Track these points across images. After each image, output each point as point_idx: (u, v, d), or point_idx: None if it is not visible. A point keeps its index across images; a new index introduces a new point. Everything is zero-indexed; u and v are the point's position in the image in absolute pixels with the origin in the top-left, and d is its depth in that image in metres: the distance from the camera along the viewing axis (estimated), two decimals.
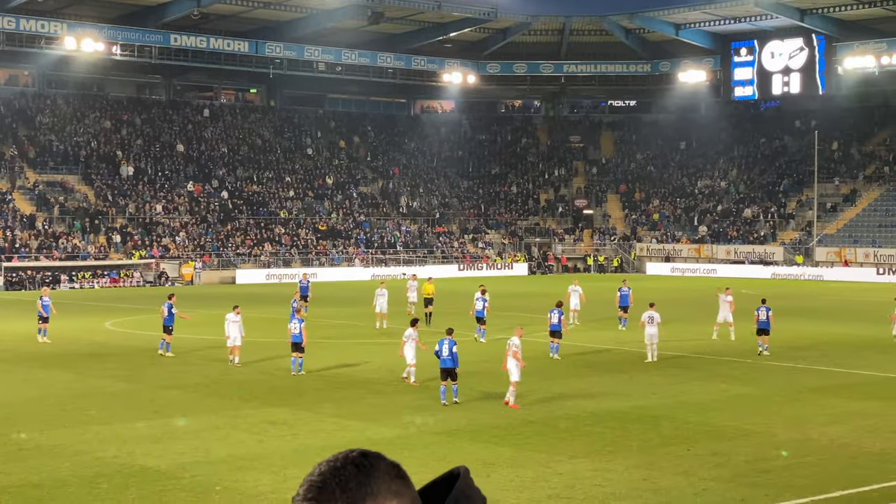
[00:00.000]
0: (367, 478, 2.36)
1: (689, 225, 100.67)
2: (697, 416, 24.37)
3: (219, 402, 26.44)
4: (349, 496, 2.33)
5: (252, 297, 61.59)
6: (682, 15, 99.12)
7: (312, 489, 2.35)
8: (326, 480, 2.35)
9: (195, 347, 37.12)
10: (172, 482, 18.27)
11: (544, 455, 20.36)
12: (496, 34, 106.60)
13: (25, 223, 79.89)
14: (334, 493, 2.33)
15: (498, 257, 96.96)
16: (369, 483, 2.35)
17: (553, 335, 34.26)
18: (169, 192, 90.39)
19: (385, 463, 2.40)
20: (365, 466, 2.37)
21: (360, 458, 2.39)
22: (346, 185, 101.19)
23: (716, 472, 19.08)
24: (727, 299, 39.64)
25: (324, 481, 2.35)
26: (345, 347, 37.85)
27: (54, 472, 19.03)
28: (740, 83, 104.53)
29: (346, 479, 2.35)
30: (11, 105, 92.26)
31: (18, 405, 26.01)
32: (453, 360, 25.60)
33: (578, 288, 45.84)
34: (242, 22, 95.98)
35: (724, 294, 40.08)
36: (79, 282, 74.93)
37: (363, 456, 2.39)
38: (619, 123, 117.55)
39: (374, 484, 2.36)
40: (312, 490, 2.35)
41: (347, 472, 2.36)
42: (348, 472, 2.36)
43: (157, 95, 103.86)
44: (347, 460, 2.38)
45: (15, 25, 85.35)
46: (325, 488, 2.34)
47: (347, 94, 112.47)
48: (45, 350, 37.01)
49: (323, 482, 2.35)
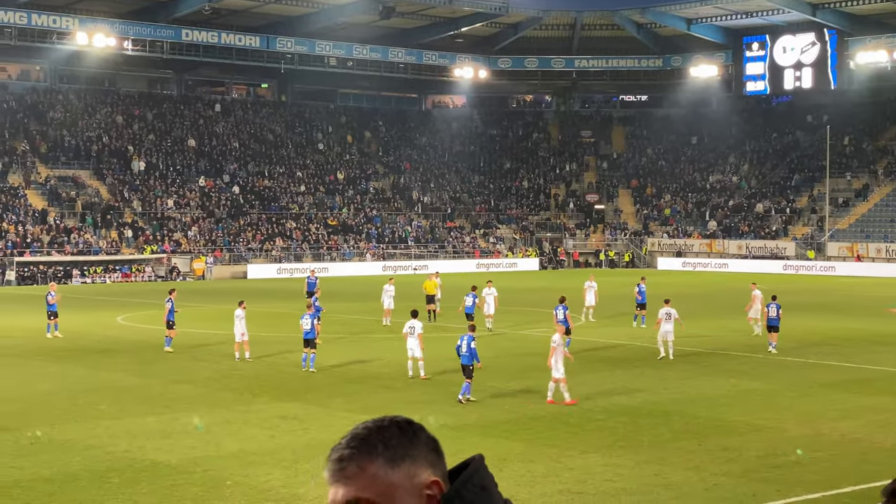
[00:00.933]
0: (409, 442, 2.47)
1: (700, 220, 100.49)
2: (708, 412, 24.32)
3: (230, 396, 26.48)
4: (391, 453, 2.43)
5: (263, 292, 61.70)
6: (694, 10, 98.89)
7: (356, 439, 2.46)
8: (371, 435, 2.46)
9: (206, 342, 37.17)
10: (183, 477, 18.30)
11: (555, 450, 20.34)
12: (507, 29, 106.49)
13: (37, 218, 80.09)
14: (377, 447, 2.44)
15: (509, 252, 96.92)
16: (411, 447, 2.46)
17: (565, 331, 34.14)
18: (180, 186, 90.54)
19: (426, 434, 2.51)
20: (408, 432, 2.48)
21: (406, 423, 2.50)
22: (357, 180, 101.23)
23: (727, 468, 19.04)
24: (756, 294, 39.46)
25: (368, 434, 2.46)
26: (355, 342, 37.88)
27: (65, 466, 19.07)
28: (752, 78, 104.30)
29: (389, 437, 2.46)
30: (23, 100, 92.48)
31: (30, 399, 26.08)
32: (470, 357, 25.42)
33: (594, 284, 45.64)
34: (254, 17, 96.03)
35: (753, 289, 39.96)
36: (90, 276, 75.12)
37: (408, 423, 2.50)
38: (631, 118, 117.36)
39: (415, 449, 2.46)
40: (356, 440, 2.46)
41: (392, 431, 2.47)
42: (392, 431, 2.47)
43: (169, 90, 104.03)
44: (393, 422, 2.49)
45: (27, 20, 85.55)
46: (368, 441, 2.45)
47: (358, 89, 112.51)
48: (57, 344, 37.11)
49: (367, 435, 2.46)
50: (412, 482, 2.43)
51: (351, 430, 2.48)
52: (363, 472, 2.42)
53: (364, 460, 2.42)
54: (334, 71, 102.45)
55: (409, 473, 2.43)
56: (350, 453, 2.44)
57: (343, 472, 2.43)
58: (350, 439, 2.46)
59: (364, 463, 2.42)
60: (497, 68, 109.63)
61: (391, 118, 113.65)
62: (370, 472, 2.41)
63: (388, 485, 2.41)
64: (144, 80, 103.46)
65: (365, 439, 2.45)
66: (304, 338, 30.50)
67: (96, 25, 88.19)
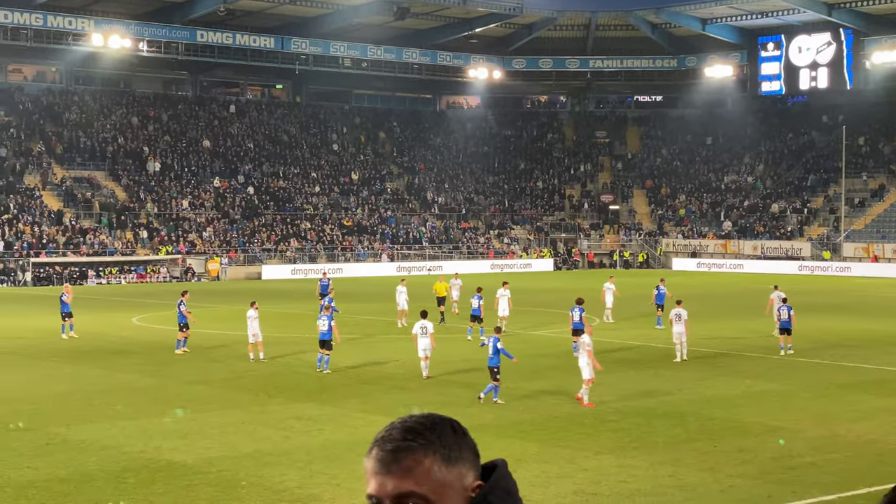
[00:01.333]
0: (460, 442, 2.47)
1: (715, 220, 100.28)
2: (723, 413, 24.27)
3: (245, 397, 26.52)
4: (447, 452, 2.42)
5: (277, 293, 61.79)
6: (709, 10, 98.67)
7: (412, 432, 2.42)
8: (427, 430, 2.44)
9: (220, 343, 37.24)
10: (199, 477, 18.34)
11: (570, 451, 20.33)
12: (522, 30, 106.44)
13: (53, 219, 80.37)
14: (434, 443, 2.42)
15: (524, 253, 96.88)
16: (462, 448, 2.47)
17: (576, 333, 33.59)
18: (195, 187, 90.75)
19: (470, 438, 2.52)
20: (459, 432, 2.48)
21: (456, 423, 2.50)
22: (371, 181, 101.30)
23: (742, 469, 18.99)
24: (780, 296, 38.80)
25: (424, 429, 2.43)
26: (369, 343, 37.90)
27: (81, 466, 19.13)
28: (767, 78, 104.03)
29: (444, 436, 2.45)
30: (39, 101, 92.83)
31: (46, 400, 26.17)
32: (497, 359, 25.35)
33: (612, 285, 45.42)
34: (268, 18, 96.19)
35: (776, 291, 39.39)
36: (106, 277, 75.34)
37: (457, 423, 2.51)
38: (646, 119, 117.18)
39: (465, 451, 2.47)
40: (413, 433, 2.42)
41: (446, 430, 2.46)
42: (446, 430, 2.46)
43: (184, 91, 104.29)
44: (445, 421, 2.48)
45: (42, 22, 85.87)
46: (425, 436, 2.42)
47: (373, 89, 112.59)
48: (73, 345, 37.22)
49: (424, 430, 2.43)
50: (462, 483, 2.43)
51: (399, 423, 2.43)
52: (420, 465, 2.39)
53: (422, 454, 2.39)
54: (349, 72, 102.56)
55: (460, 474, 2.43)
56: (408, 445, 2.40)
57: (399, 463, 2.39)
58: (406, 431, 2.42)
59: (421, 457, 2.39)
60: (511, 69, 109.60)
61: (405, 119, 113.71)
62: (426, 466, 2.39)
63: (442, 483, 2.39)
64: (159, 81, 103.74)
65: (422, 434, 2.42)
66: (321, 339, 30.49)
67: (112, 27, 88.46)
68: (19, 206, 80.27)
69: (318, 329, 30.75)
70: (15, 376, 30.22)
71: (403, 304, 43.11)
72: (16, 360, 33.56)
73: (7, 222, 77.87)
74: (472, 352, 34.87)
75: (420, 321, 29.40)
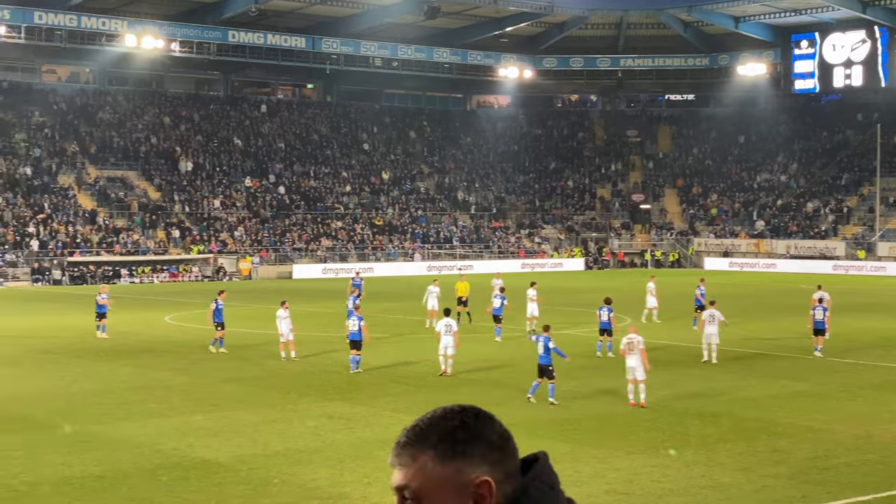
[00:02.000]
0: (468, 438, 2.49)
1: (747, 220, 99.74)
2: (757, 413, 24.12)
3: (276, 395, 26.60)
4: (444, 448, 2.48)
5: (308, 292, 61.95)
6: (742, 7, 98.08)
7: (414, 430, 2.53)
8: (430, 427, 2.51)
9: (253, 342, 37.37)
10: (231, 475, 18.41)
11: (602, 450, 20.27)
12: (552, 28, 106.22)
13: (87, 218, 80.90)
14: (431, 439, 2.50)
15: (555, 252, 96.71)
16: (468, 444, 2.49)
17: (603, 333, 33.61)
18: (227, 187, 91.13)
19: (493, 431, 2.53)
20: (471, 428, 2.50)
21: (473, 417, 2.52)
22: (402, 180, 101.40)
23: (776, 469, 18.87)
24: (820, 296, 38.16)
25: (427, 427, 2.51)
26: (400, 342, 37.94)
27: (116, 463, 19.24)
28: (801, 76, 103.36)
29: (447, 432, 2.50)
30: (73, 102, 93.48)
31: (81, 398, 26.34)
32: (548, 357, 25.16)
33: (653, 285, 44.80)
34: (300, 18, 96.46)
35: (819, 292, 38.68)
36: (139, 276, 75.76)
37: (476, 416, 2.52)
38: (677, 117, 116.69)
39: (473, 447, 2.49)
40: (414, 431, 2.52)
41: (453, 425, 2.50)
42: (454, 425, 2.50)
43: (216, 91, 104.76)
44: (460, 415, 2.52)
45: (76, 23, 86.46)
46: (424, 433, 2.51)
47: (403, 89, 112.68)
48: (106, 344, 37.44)
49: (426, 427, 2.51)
50: (460, 479, 2.47)
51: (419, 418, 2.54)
52: (414, 461, 2.49)
53: (416, 451, 2.49)
54: (379, 71, 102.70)
55: (458, 470, 2.47)
56: (405, 441, 2.52)
57: (398, 458, 2.53)
58: (411, 429, 2.54)
59: (416, 453, 2.49)
60: (542, 68, 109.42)
61: (436, 118, 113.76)
62: (420, 462, 2.49)
63: (434, 478, 2.47)
64: (192, 81, 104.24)
65: (422, 431, 2.51)
66: (351, 339, 30.39)
67: (144, 27, 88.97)
68: (54, 206, 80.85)
69: (348, 329, 30.70)
70: (50, 374, 30.44)
71: (434, 305, 42.77)
72: (51, 359, 33.81)
73: (42, 222, 78.44)
74: (498, 351, 34.87)
75: (444, 319, 29.44)
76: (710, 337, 32.31)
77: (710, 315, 32.51)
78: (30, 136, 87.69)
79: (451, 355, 29.07)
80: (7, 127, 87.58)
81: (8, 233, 76.15)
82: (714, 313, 32.42)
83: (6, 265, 73.28)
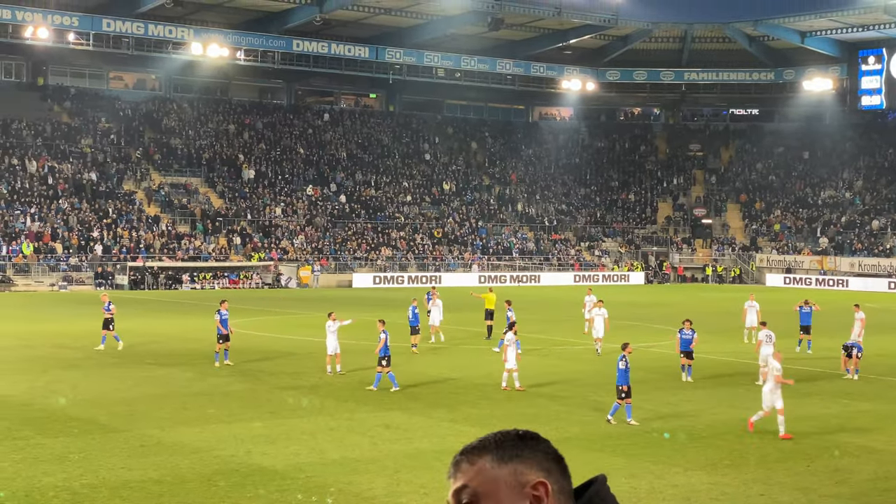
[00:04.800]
0: (523, 445, 2.67)
1: (811, 236, 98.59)
2: (817, 432, 23.80)
3: (334, 404, 26.68)
4: (500, 452, 2.65)
5: (367, 302, 62.12)
6: (809, 22, 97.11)
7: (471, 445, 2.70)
8: (487, 440, 2.69)
9: (312, 350, 37.52)
10: (288, 482, 18.49)
11: (659, 466, 20.10)
12: (616, 41, 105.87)
13: (150, 224, 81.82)
14: (488, 447, 2.67)
15: (616, 266, 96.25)
16: (523, 449, 2.66)
17: (686, 355, 31.50)
18: (288, 195, 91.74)
19: (547, 445, 2.71)
20: (526, 439, 2.68)
21: (528, 435, 2.70)
22: (463, 191, 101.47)
23: (836, 490, 18.61)
24: (859, 316, 37.78)
25: (484, 440, 2.70)
26: (458, 353, 37.91)
27: (174, 468, 19.40)
28: (867, 92, 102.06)
29: (503, 441, 2.67)
30: (139, 109, 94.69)
31: (140, 402, 26.60)
32: (625, 377, 24.39)
33: (755, 304, 42.54)
34: (363, 28, 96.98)
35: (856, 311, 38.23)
36: (200, 283, 76.47)
37: (531, 435, 2.71)
38: (741, 132, 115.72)
39: (528, 452, 2.66)
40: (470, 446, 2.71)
41: (508, 437, 2.68)
42: (509, 437, 2.68)
43: (279, 100, 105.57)
44: (515, 432, 2.70)
45: (144, 31, 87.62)
46: (482, 443, 2.69)
47: (466, 100, 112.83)
48: (166, 348, 37.81)
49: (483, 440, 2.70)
50: (517, 479, 2.60)
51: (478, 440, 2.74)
52: (472, 466, 2.64)
53: (474, 456, 2.64)
54: (442, 82, 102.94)
55: (515, 471, 2.61)
56: (463, 451, 2.68)
57: (457, 467, 2.67)
58: (465, 447, 2.70)
59: (474, 458, 2.64)
60: (605, 80, 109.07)
61: (498, 129, 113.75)
62: (478, 465, 2.64)
63: (493, 478, 2.60)
64: (255, 89, 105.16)
65: (480, 443, 2.69)
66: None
67: (210, 36, 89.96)
68: (118, 212, 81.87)
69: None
70: (111, 378, 30.79)
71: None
72: (111, 363, 34.20)
73: (106, 226, 79.46)
74: (563, 365, 34.72)
75: (508, 333, 29.30)
76: (766, 358, 31.66)
77: (766, 335, 31.69)
78: (96, 142, 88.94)
79: (513, 369, 28.79)
80: (74, 133, 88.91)
81: (73, 237, 77.23)
82: (770, 333, 31.61)
83: (70, 269, 74.33)
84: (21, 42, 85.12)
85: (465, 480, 2.61)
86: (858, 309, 38.11)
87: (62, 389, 28.36)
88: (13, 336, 41.56)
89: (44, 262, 74.28)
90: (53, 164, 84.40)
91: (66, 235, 77.31)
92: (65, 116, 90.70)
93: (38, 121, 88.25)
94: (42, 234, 76.41)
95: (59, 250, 75.78)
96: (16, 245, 74.53)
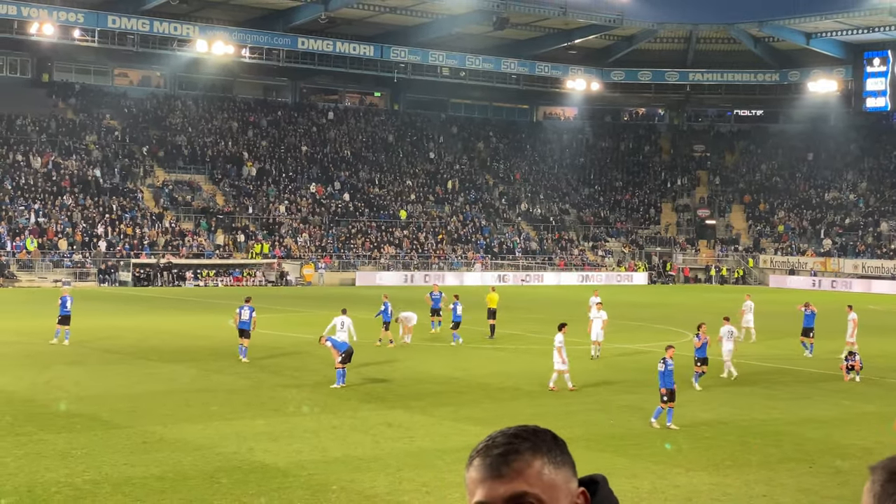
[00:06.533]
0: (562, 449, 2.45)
1: (815, 237, 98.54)
2: (820, 433, 23.81)
3: (337, 402, 26.69)
4: (554, 455, 2.41)
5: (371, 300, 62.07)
6: (814, 24, 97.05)
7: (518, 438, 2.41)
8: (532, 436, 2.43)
9: (314, 349, 37.50)
10: (290, 480, 18.50)
11: (661, 467, 20.10)
12: (621, 41, 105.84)
13: (154, 221, 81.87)
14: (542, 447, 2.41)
15: (618, 266, 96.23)
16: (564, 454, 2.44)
17: (701, 362, 30.50)
18: (292, 193, 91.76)
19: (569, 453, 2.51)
20: (559, 441, 2.47)
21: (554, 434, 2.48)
22: (467, 190, 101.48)
23: (838, 492, 18.61)
24: (852, 317, 37.90)
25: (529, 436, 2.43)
26: (460, 352, 37.91)
27: (177, 465, 19.41)
28: (872, 94, 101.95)
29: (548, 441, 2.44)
30: (143, 105, 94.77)
31: (143, 399, 26.62)
32: (669, 381, 24.05)
33: (751, 303, 43.20)
34: (368, 26, 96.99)
35: (849, 312, 38.32)
36: (203, 280, 76.51)
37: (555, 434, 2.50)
38: (745, 133, 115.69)
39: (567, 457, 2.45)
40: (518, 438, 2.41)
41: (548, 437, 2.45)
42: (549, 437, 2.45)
43: (284, 98, 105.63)
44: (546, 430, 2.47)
45: (149, 28, 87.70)
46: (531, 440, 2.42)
47: (470, 99, 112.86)
48: (169, 345, 37.83)
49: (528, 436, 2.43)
50: (569, 487, 2.42)
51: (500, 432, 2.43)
52: (530, 467, 2.37)
53: (531, 456, 2.38)
54: (447, 81, 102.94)
55: (567, 478, 2.42)
56: (516, 448, 2.39)
57: (509, 465, 2.37)
58: (511, 437, 2.42)
59: (531, 458, 2.38)
60: (610, 81, 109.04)
61: (502, 129, 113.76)
62: (536, 468, 2.37)
63: (552, 484, 2.38)
64: (260, 87, 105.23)
65: (527, 439, 2.41)
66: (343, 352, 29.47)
67: (215, 33, 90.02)
68: (122, 208, 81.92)
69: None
70: (115, 375, 30.81)
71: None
72: (115, 359, 34.22)
73: (109, 223, 79.52)
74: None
75: (557, 335, 28.86)
76: (728, 353, 31.84)
77: (728, 331, 31.96)
78: (100, 139, 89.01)
79: (563, 370, 28.49)
80: (79, 129, 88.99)
81: (76, 233, 77.30)
82: (732, 329, 32.02)
83: (74, 265, 74.40)
84: (26, 38, 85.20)
85: (526, 487, 2.33)
86: (851, 310, 38.25)
87: (65, 385, 28.39)
88: (16, 332, 41.60)
89: (48, 259, 74.36)
90: (58, 160, 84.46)
91: (70, 232, 77.37)
92: (69, 113, 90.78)
93: (42, 117, 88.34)
94: (46, 231, 76.50)
95: (63, 247, 75.84)
96: (20, 241, 74.60)
